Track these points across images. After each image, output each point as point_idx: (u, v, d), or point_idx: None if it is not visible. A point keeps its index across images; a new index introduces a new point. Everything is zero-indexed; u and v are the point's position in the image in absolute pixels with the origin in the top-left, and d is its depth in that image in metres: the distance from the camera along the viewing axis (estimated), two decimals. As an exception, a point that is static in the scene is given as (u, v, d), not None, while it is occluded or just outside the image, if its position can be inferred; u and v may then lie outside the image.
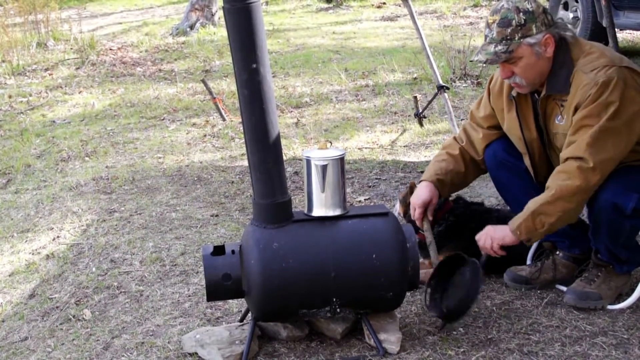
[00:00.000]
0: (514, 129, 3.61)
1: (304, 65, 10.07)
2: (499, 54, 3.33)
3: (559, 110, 3.40)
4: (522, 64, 3.34)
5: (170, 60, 10.91)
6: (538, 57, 3.34)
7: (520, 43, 3.31)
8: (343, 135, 6.87)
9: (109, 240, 4.83)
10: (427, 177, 3.77)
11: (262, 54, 3.02)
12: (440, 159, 3.80)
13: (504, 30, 3.32)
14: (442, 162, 3.78)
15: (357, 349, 3.35)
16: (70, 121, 8.14)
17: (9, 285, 4.41)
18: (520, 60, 3.34)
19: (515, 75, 3.39)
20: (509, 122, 3.63)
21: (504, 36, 3.32)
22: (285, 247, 3.17)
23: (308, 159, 3.26)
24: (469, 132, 3.82)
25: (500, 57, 3.34)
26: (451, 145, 3.84)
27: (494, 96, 3.69)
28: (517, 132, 3.59)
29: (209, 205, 5.33)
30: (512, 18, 3.30)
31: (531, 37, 3.31)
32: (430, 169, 3.80)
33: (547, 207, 3.29)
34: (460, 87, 8.25)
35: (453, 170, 3.77)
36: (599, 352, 3.24)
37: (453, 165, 3.78)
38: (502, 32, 3.32)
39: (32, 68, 10.68)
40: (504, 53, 3.32)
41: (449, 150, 3.81)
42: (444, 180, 3.75)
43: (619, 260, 3.56)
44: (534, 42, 3.32)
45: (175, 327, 3.66)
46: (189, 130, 7.42)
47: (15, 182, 6.27)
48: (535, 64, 3.35)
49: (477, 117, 3.79)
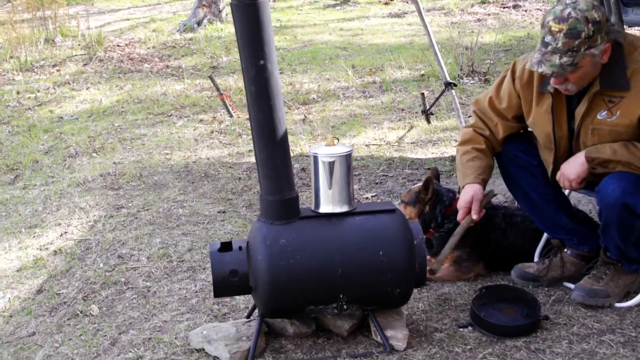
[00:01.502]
0: (543, 124, 3.52)
1: (311, 61, 10.07)
2: (564, 67, 3.20)
3: (605, 106, 3.32)
4: (579, 73, 3.25)
5: (178, 57, 10.92)
6: (596, 66, 3.26)
7: (585, 55, 3.19)
8: (350, 132, 6.87)
9: (117, 236, 4.84)
10: (471, 180, 3.64)
11: (270, 50, 3.02)
12: (472, 157, 3.67)
13: (571, 41, 3.17)
14: (476, 160, 3.66)
15: (363, 346, 3.35)
16: (78, 117, 8.15)
17: (17, 281, 4.42)
18: (579, 70, 3.24)
19: (568, 82, 3.31)
20: (537, 117, 3.53)
21: (570, 47, 3.18)
22: (293, 244, 3.17)
23: (315, 156, 3.25)
24: (489, 123, 3.70)
25: (567, 69, 3.21)
26: (474, 138, 3.71)
27: (522, 86, 3.55)
28: (547, 127, 3.50)
29: (216, 202, 5.33)
30: (582, 30, 3.16)
31: (595, 47, 3.20)
32: (468, 170, 3.66)
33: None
34: (467, 83, 8.23)
35: (487, 165, 3.68)
36: (607, 350, 3.24)
37: (487, 161, 3.68)
38: (569, 43, 3.17)
39: (40, 64, 10.70)
40: (569, 65, 3.20)
41: (475, 146, 3.69)
42: (486, 179, 3.67)
43: (628, 259, 3.55)
44: (597, 52, 3.21)
45: (182, 323, 3.67)
46: (196, 127, 7.42)
47: (23, 177, 6.29)
48: (592, 71, 3.28)
49: (499, 107, 3.65)
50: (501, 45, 10.06)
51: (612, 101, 3.30)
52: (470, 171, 3.65)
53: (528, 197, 3.75)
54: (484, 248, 3.95)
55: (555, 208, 3.74)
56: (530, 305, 3.52)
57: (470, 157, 3.68)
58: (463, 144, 3.74)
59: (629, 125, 3.28)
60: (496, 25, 11.43)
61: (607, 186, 3.31)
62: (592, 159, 3.34)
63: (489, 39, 9.99)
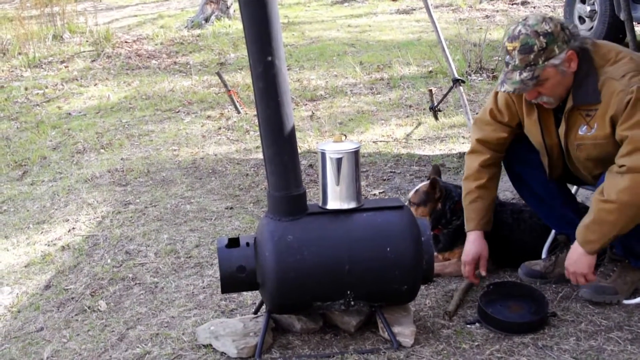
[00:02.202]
0: (534, 133, 3.56)
1: (319, 58, 10.06)
2: (525, 82, 3.25)
3: (583, 120, 3.33)
4: (548, 84, 3.28)
5: (186, 53, 10.92)
6: (563, 75, 3.28)
7: (545, 66, 3.23)
8: (358, 129, 6.87)
9: (124, 232, 4.85)
10: (473, 227, 3.69)
11: (278, 46, 3.02)
12: (474, 198, 3.69)
13: (526, 57, 3.23)
14: (478, 202, 3.69)
15: (371, 342, 3.35)
16: (86, 113, 8.17)
17: (25, 276, 4.44)
18: (546, 82, 3.27)
19: (542, 95, 3.34)
20: (529, 126, 3.58)
21: (527, 62, 3.24)
22: (300, 240, 3.17)
23: (323, 152, 3.25)
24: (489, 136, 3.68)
25: (528, 84, 3.26)
26: (476, 174, 3.70)
27: (517, 98, 3.57)
28: (538, 137, 3.55)
29: (223, 198, 5.34)
30: (533, 43, 3.21)
31: (554, 57, 3.23)
32: (472, 214, 3.69)
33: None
34: (475, 80, 8.22)
35: (490, 203, 3.72)
36: (614, 347, 3.23)
37: (490, 198, 3.72)
38: (524, 58, 3.24)
39: (48, 60, 10.72)
40: (530, 80, 3.25)
41: (478, 183, 3.69)
42: (489, 221, 3.72)
43: (635, 255, 3.55)
44: (558, 62, 3.24)
45: (190, 318, 3.67)
46: (204, 123, 7.43)
47: (31, 173, 6.30)
48: (562, 81, 3.29)
49: (502, 120, 3.64)
50: (509, 41, 10.02)
51: (589, 115, 3.32)
52: (473, 215, 3.70)
53: (533, 193, 3.75)
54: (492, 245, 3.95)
55: (560, 203, 3.74)
56: (537, 301, 3.51)
57: (472, 199, 3.71)
58: (467, 180, 3.75)
59: (606, 136, 3.28)
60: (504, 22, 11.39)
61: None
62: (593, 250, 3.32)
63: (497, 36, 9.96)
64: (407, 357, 3.21)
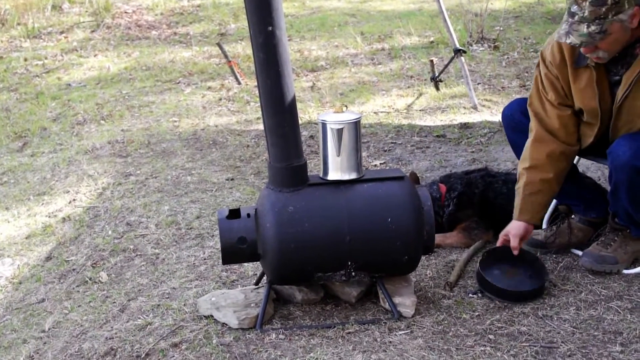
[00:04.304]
0: (588, 99, 3.42)
1: (320, 28, 10.01)
2: (593, 35, 3.13)
3: None
4: (610, 39, 3.18)
5: (186, 24, 10.86)
6: (626, 31, 3.18)
7: (613, 21, 3.12)
8: (359, 99, 6.85)
9: (125, 203, 4.85)
10: (528, 219, 3.54)
11: (278, 16, 2.99)
12: (535, 190, 3.52)
13: (598, 9, 3.11)
14: (539, 195, 3.53)
15: (371, 312, 3.36)
16: (86, 84, 8.14)
17: (26, 248, 4.44)
18: (609, 37, 3.16)
19: (599, 50, 3.23)
20: (577, 94, 3.45)
21: (597, 15, 3.11)
22: (301, 211, 3.17)
23: (324, 123, 3.24)
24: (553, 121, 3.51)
25: (595, 38, 3.14)
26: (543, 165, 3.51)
27: (558, 70, 3.45)
28: (593, 102, 3.41)
29: (224, 169, 5.33)
30: None
31: (623, 12, 3.13)
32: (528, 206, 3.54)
33: None
34: (477, 50, 8.18)
35: (550, 198, 3.63)
36: (614, 316, 3.24)
37: (551, 193, 3.59)
38: (595, 11, 3.11)
39: (48, 31, 10.67)
40: (598, 34, 3.13)
41: (543, 176, 3.50)
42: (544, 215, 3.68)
43: (637, 224, 3.55)
44: (625, 18, 3.14)
45: (191, 289, 3.68)
46: (205, 94, 7.41)
47: (31, 145, 6.30)
48: (622, 38, 3.20)
49: (556, 102, 3.50)
50: (511, 11, 9.98)
51: None
52: (530, 207, 3.54)
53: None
54: (492, 215, 3.95)
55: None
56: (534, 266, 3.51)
57: (533, 190, 3.53)
58: (530, 170, 3.54)
59: None
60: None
61: (618, 148, 3.29)
62: None
63: (499, 5, 9.90)
64: (407, 327, 3.22)
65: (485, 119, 6.01)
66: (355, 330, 3.22)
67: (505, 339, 3.11)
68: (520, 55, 7.89)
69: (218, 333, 3.24)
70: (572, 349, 3.02)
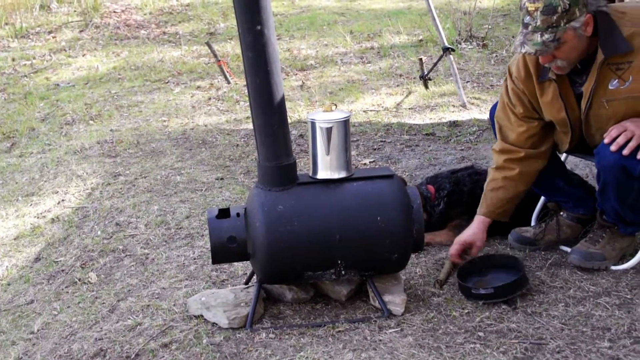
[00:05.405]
0: (556, 111, 3.47)
1: (309, 27, 10.01)
2: (547, 44, 3.18)
3: (614, 74, 3.28)
4: (565, 48, 3.22)
5: (175, 23, 10.84)
6: (580, 38, 3.22)
7: (566, 29, 3.17)
8: (348, 98, 6.85)
9: (114, 203, 4.84)
10: (482, 213, 3.65)
11: (267, 15, 2.99)
12: (496, 187, 3.63)
13: (549, 17, 3.15)
14: (499, 191, 3.62)
15: (362, 311, 3.36)
16: (74, 84, 8.12)
17: (15, 249, 4.43)
18: (564, 45, 3.21)
19: (556, 59, 3.27)
20: (546, 106, 3.49)
21: (549, 24, 3.16)
22: (290, 210, 3.17)
23: (313, 122, 3.24)
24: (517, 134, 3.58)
25: (549, 46, 3.19)
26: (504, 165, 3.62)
27: (524, 84, 3.50)
28: (561, 113, 3.46)
29: (213, 169, 5.33)
30: (557, 4, 3.14)
31: (575, 20, 3.17)
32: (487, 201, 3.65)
33: None
34: (465, 49, 8.20)
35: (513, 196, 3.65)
36: (602, 312, 3.25)
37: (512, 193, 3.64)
38: (547, 19, 3.15)
39: (36, 31, 10.63)
40: (551, 42, 3.17)
41: (506, 174, 3.61)
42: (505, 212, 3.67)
43: (625, 222, 3.56)
44: (578, 25, 3.18)
45: (181, 289, 3.68)
46: (194, 94, 7.40)
47: (19, 145, 6.28)
48: (577, 45, 3.24)
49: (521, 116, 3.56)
50: (500, 10, 10.00)
51: (620, 68, 3.27)
52: (488, 202, 3.65)
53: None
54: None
55: (550, 171, 3.74)
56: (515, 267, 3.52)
57: (494, 187, 3.64)
58: (495, 169, 3.67)
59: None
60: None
61: (605, 148, 3.30)
62: None
63: (488, 4, 9.92)
64: (397, 325, 3.23)
65: (474, 117, 6.02)
66: (346, 328, 3.22)
67: (494, 336, 3.12)
68: (508, 53, 7.90)
69: (208, 333, 3.24)
70: (561, 346, 3.03)
